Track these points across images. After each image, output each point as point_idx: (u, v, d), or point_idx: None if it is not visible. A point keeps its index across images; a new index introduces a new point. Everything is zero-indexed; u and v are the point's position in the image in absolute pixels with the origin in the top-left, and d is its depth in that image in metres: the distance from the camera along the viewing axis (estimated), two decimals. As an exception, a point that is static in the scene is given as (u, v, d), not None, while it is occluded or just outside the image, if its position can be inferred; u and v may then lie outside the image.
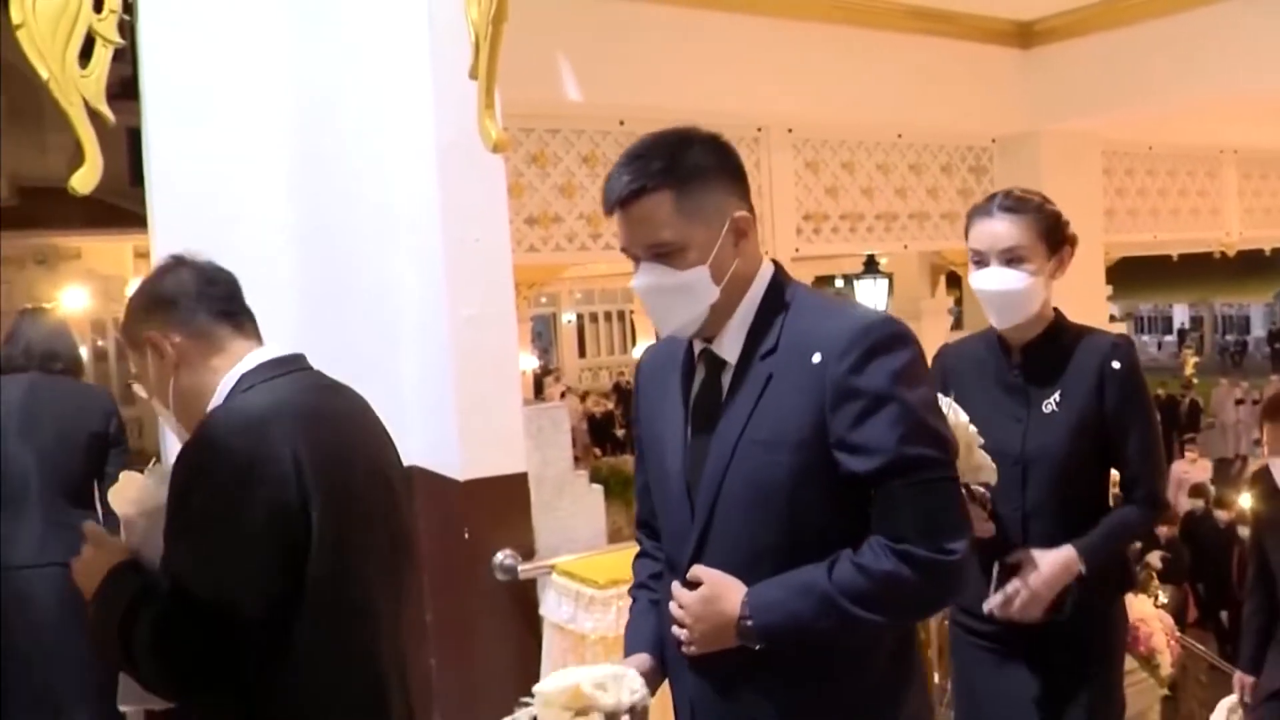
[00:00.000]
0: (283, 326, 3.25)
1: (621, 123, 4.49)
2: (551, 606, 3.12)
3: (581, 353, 27.20)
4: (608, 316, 27.35)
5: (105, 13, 3.19)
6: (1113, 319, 7.76)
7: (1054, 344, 2.58)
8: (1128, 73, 5.10)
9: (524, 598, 3.17)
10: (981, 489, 2.47)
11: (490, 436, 3.08)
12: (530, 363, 17.53)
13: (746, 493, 1.74)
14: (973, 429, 2.41)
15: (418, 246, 3.21)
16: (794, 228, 5.22)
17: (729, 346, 1.81)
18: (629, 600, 2.07)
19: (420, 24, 3.19)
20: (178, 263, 2.05)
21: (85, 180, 3.09)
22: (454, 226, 3.08)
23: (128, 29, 3.24)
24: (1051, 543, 2.52)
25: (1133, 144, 6.43)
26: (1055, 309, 2.61)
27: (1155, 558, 8.60)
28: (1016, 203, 2.54)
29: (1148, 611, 4.12)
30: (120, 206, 15.09)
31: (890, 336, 1.72)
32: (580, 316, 27.01)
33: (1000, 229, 2.52)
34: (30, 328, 4.25)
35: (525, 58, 3.26)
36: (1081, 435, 2.52)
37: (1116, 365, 2.52)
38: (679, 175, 1.73)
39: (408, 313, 3.26)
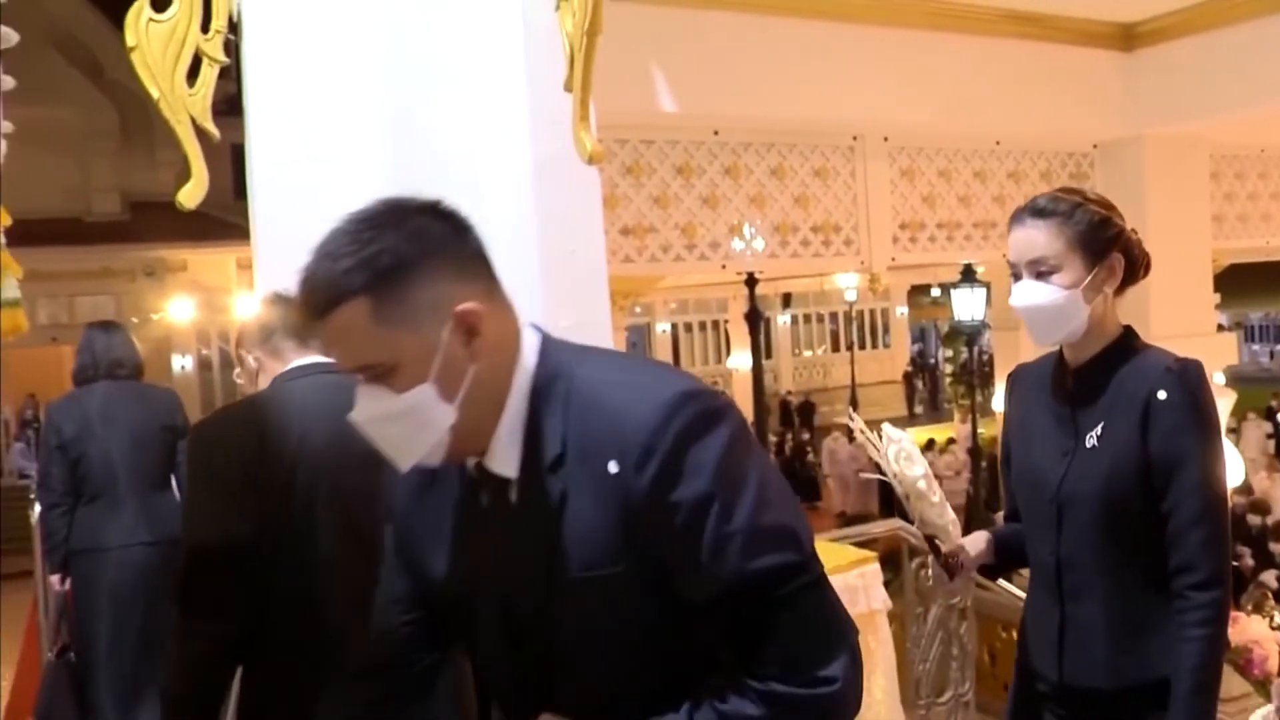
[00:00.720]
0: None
1: (716, 133, 4.49)
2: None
3: (676, 363, 27.23)
4: (702, 326, 27.37)
5: (212, 33, 3.28)
6: (1221, 328, 7.55)
7: (1109, 367, 2.20)
8: (1236, 73, 4.95)
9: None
10: (952, 544, 2.29)
11: (583, 446, 3.08)
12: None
13: (581, 639, 1.40)
14: (922, 484, 2.24)
15: (513, 259, 3.20)
16: (890, 236, 5.16)
17: (503, 460, 1.41)
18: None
19: (515, 38, 3.21)
20: (274, 297, 2.55)
21: (191, 195, 3.19)
22: (550, 239, 3.09)
23: (233, 48, 3.34)
24: (1088, 601, 2.19)
25: (1242, 146, 6.25)
26: (1127, 327, 2.26)
27: (1271, 577, 8.32)
28: (1048, 205, 2.20)
29: (1263, 633, 3.98)
30: (224, 220, 15.51)
31: (697, 419, 1.34)
32: (675, 326, 27.05)
33: (1027, 237, 2.20)
34: (97, 340, 4.74)
35: (619, 69, 3.27)
36: (1120, 478, 2.13)
37: (1163, 395, 2.10)
38: (373, 275, 1.34)
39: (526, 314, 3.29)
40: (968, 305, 11.28)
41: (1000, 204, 5.42)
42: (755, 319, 13.36)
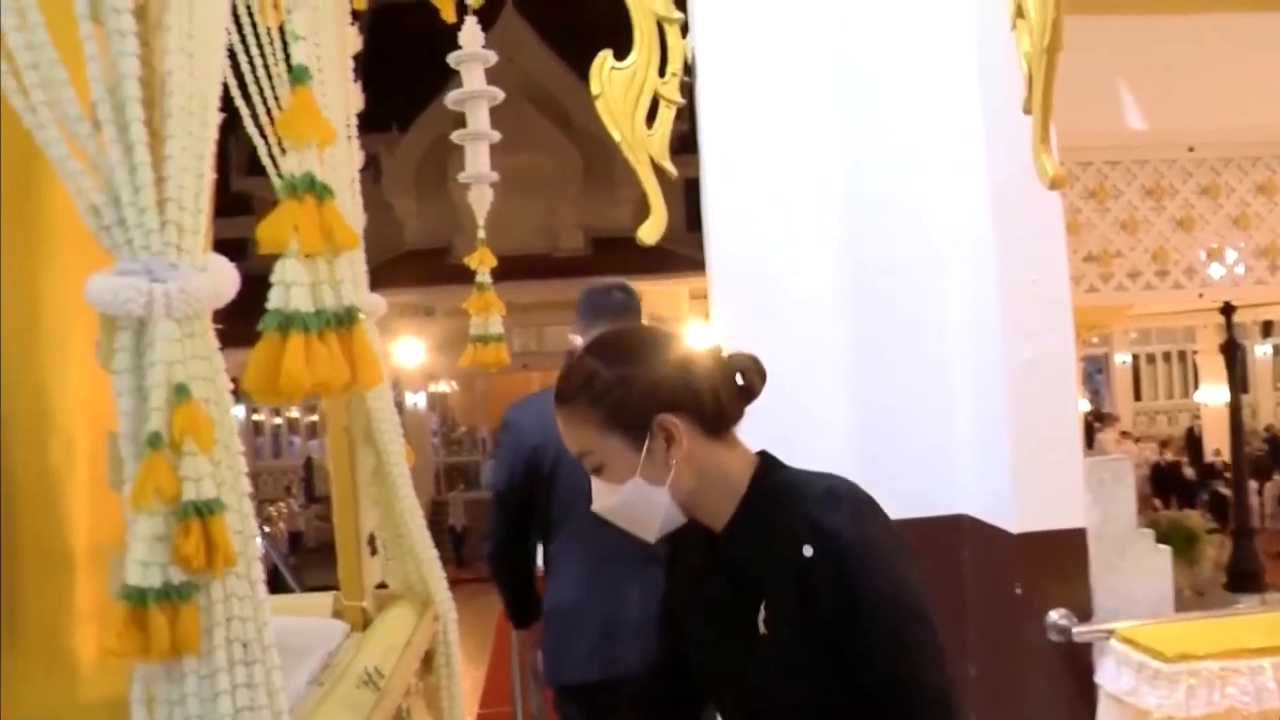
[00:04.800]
0: (831, 370, 3.32)
1: (1191, 149, 4.11)
2: (1109, 675, 2.88)
3: (1137, 396, 25.42)
4: (1166, 357, 25.39)
5: (668, 76, 3.43)
6: None
7: (753, 523, 1.65)
8: None
9: (1078, 662, 2.96)
10: None
11: (1047, 488, 2.92)
12: (1081, 406, 16.66)
13: None
14: None
15: (970, 289, 3.13)
16: (1396, 260, 4.51)
17: None
18: (1199, 678, 1.84)
19: (968, 61, 3.12)
20: None
21: (651, 231, 3.35)
22: (1009, 267, 2.97)
23: (687, 89, 3.47)
24: None
25: None
26: (761, 456, 1.70)
27: None
28: (563, 384, 1.68)
29: None
30: (677, 252, 16.21)
31: None
32: (1135, 357, 25.27)
33: (563, 431, 1.69)
34: None
35: (1081, 86, 3.08)
36: (809, 674, 1.57)
37: (809, 552, 1.54)
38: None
39: (959, 357, 3.19)
40: None
41: None
42: (1232, 350, 12.12)
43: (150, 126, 0.94)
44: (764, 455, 1.70)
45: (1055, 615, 2.92)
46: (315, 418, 22.83)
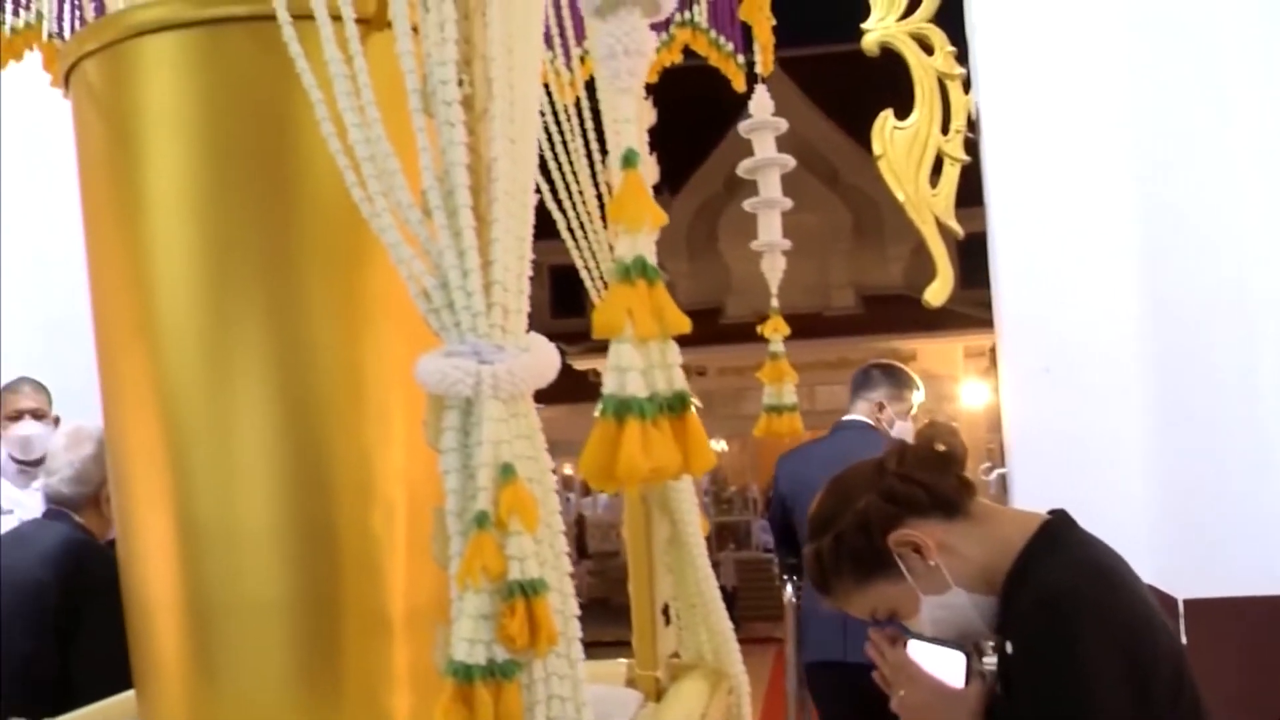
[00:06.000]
0: (1131, 435, 3.14)
1: None
2: None
3: None
4: None
5: (951, 134, 3.37)
6: None
7: (1009, 598, 1.63)
8: None
9: None
10: None
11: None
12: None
13: None
14: None
15: (1288, 346, 2.91)
16: None
17: None
18: None
19: (1274, 102, 2.93)
20: None
21: (939, 293, 3.27)
22: (1341, 325, 2.74)
23: (970, 146, 3.39)
24: None
25: None
26: (1043, 526, 1.65)
27: None
28: (811, 581, 1.77)
29: None
30: (952, 309, 15.82)
31: None
32: None
33: (845, 610, 1.77)
34: None
35: None
36: None
37: (1009, 649, 1.59)
38: None
39: (1276, 405, 2.96)
40: None
41: None
42: None
43: (476, 211, 0.99)
44: (1044, 525, 1.63)
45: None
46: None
